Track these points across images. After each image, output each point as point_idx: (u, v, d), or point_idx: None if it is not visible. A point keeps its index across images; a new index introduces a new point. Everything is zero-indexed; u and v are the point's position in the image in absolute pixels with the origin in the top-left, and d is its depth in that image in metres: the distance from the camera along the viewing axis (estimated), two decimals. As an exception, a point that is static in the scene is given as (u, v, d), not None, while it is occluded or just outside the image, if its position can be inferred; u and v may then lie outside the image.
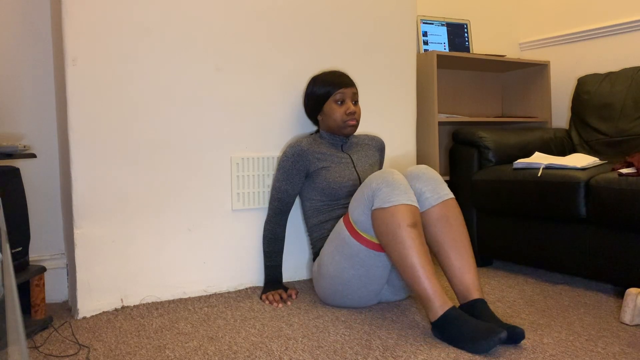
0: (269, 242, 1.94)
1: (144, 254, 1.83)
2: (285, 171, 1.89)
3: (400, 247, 1.47)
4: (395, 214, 1.49)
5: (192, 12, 1.89)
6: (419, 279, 1.43)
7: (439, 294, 1.42)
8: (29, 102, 1.93)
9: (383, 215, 1.51)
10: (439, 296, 1.42)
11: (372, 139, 2.07)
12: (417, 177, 1.63)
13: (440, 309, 1.41)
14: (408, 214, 1.48)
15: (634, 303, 1.55)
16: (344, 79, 1.89)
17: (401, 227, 1.47)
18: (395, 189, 1.52)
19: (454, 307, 1.41)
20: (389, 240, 1.50)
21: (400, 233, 1.47)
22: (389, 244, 1.50)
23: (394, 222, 1.48)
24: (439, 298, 1.41)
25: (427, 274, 1.43)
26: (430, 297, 1.42)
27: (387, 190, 1.52)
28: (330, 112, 1.89)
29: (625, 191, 1.75)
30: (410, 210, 1.49)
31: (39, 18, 1.93)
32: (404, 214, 1.48)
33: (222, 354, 1.37)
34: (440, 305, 1.41)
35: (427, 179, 1.63)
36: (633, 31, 2.72)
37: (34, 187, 1.93)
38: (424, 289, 1.42)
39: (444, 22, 2.87)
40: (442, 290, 1.43)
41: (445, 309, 1.40)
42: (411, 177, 1.64)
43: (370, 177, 1.60)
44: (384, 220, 1.50)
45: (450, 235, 1.57)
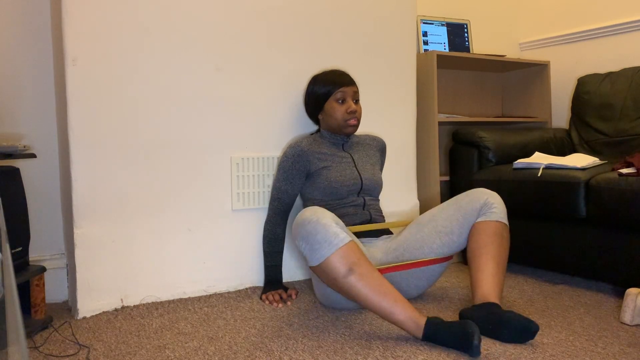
0: (269, 242, 1.94)
1: (144, 254, 1.83)
2: (285, 171, 1.89)
3: (349, 294, 1.47)
4: (327, 270, 1.47)
5: (192, 12, 1.89)
6: (386, 314, 1.43)
7: (409, 314, 1.41)
8: (29, 102, 1.93)
9: (319, 272, 1.50)
10: (412, 317, 1.41)
11: (373, 139, 2.07)
12: (491, 195, 1.68)
13: (418, 329, 1.40)
14: (339, 263, 1.44)
15: (634, 303, 1.55)
16: (345, 78, 1.89)
17: (338, 281, 1.46)
18: (314, 241, 1.47)
19: (427, 319, 1.40)
20: (337, 290, 1.50)
21: (342, 285, 1.46)
22: (340, 293, 1.51)
23: (330, 277, 1.47)
24: (412, 319, 1.40)
25: (388, 307, 1.41)
26: (405, 323, 1.41)
27: (307, 247, 1.49)
28: (331, 111, 1.88)
29: (625, 191, 1.75)
30: (340, 257, 1.44)
31: (39, 18, 1.93)
32: (335, 266, 1.45)
33: (222, 354, 1.37)
34: (417, 325, 1.40)
35: (501, 204, 1.68)
36: (633, 31, 2.72)
37: (34, 187, 1.93)
38: (396, 320, 1.42)
39: (444, 22, 2.87)
40: (410, 307, 1.42)
41: (423, 325, 1.39)
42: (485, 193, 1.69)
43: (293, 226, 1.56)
44: (322, 275, 1.50)
45: (498, 250, 1.60)
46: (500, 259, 1.60)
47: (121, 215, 1.79)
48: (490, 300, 1.50)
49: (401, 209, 2.34)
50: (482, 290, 1.53)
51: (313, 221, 1.48)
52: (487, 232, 1.62)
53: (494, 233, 1.62)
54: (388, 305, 1.41)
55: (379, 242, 1.86)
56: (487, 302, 1.49)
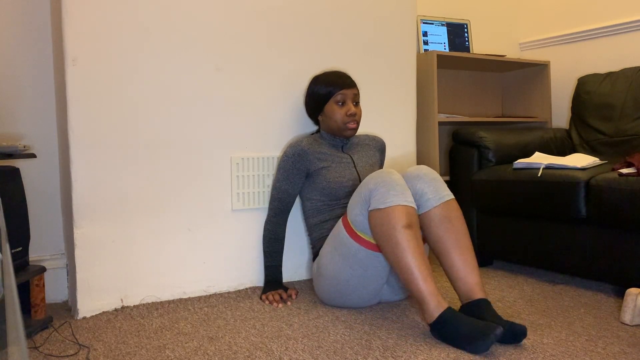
0: (269, 242, 1.94)
1: (144, 254, 1.83)
2: (285, 171, 1.89)
3: (395, 248, 1.46)
4: (391, 215, 1.48)
5: (192, 12, 1.89)
6: (415, 280, 1.43)
7: (434, 295, 1.42)
8: (29, 102, 1.93)
9: (379, 216, 1.50)
10: (434, 297, 1.41)
11: (372, 139, 2.07)
12: (418, 177, 1.62)
13: (435, 311, 1.40)
14: (404, 214, 1.48)
15: (634, 303, 1.55)
16: (346, 80, 1.89)
17: (397, 229, 1.47)
18: (392, 189, 1.52)
19: (449, 308, 1.41)
20: (384, 241, 1.49)
21: (396, 234, 1.46)
22: (385, 245, 1.50)
23: (390, 223, 1.48)
24: (434, 299, 1.41)
25: (422, 275, 1.43)
26: (425, 299, 1.42)
27: (383, 190, 1.52)
28: (331, 113, 1.88)
29: (625, 191, 1.75)
30: (407, 211, 1.49)
31: (39, 18, 1.93)
32: (400, 214, 1.48)
33: (222, 354, 1.37)
34: (436, 307, 1.41)
35: (429, 179, 1.62)
36: (633, 31, 2.72)
37: (34, 187, 1.93)
38: (420, 290, 1.42)
39: (444, 22, 2.87)
40: (438, 291, 1.43)
41: (441, 311, 1.40)
42: (412, 177, 1.63)
43: (368, 177, 1.60)
44: (380, 221, 1.50)
45: (452, 236, 1.56)
46: (461, 242, 1.55)
47: (121, 215, 1.79)
48: (476, 297, 1.50)
49: (401, 209, 2.34)
50: (461, 288, 1.53)
51: (398, 178, 1.56)
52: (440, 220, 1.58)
53: (438, 221, 1.58)
54: (423, 272, 1.43)
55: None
56: (471, 302, 1.50)
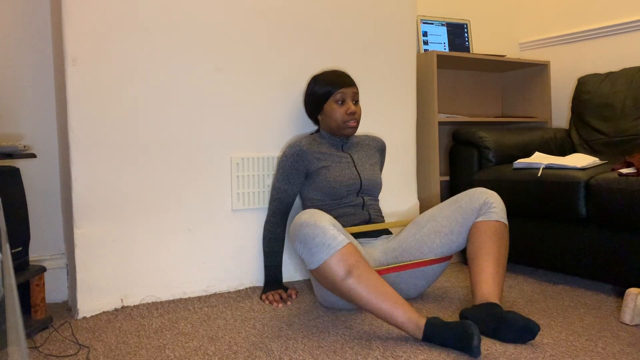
0: (269, 242, 1.94)
1: (144, 254, 1.83)
2: (285, 171, 1.89)
3: (348, 297, 1.46)
4: (325, 274, 1.46)
5: (192, 12, 1.89)
6: (383, 316, 1.42)
7: (409, 316, 1.40)
8: (29, 102, 1.93)
9: (317, 276, 1.50)
10: (411, 318, 1.40)
11: (373, 139, 2.07)
12: (492, 194, 1.68)
13: (418, 330, 1.39)
14: (337, 266, 1.44)
15: (634, 303, 1.55)
16: (345, 79, 1.89)
17: (337, 283, 1.45)
18: (312, 245, 1.45)
19: (427, 320, 1.40)
20: (336, 293, 1.49)
21: (340, 288, 1.45)
22: (339, 296, 1.50)
23: (329, 281, 1.47)
24: (412, 320, 1.40)
25: (388, 309, 1.41)
26: (405, 325, 1.41)
27: (306, 249, 1.47)
28: (331, 112, 1.88)
29: (625, 191, 1.75)
30: (337, 260, 1.43)
31: (39, 18, 1.93)
32: (332, 269, 1.44)
33: (222, 354, 1.37)
34: (417, 326, 1.39)
35: (501, 204, 1.68)
36: (633, 31, 2.72)
37: (34, 187, 1.93)
38: (396, 322, 1.41)
39: (444, 22, 2.87)
40: (410, 308, 1.41)
41: (423, 326, 1.39)
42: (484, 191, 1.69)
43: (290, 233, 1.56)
44: (321, 279, 1.49)
45: (497, 251, 1.60)
46: (500, 258, 1.60)
47: (121, 215, 1.79)
48: (490, 301, 1.49)
49: (401, 209, 2.34)
50: (482, 290, 1.53)
51: (311, 224, 1.47)
52: (486, 232, 1.62)
53: (494, 233, 1.62)
54: (387, 307, 1.41)
55: (378, 242, 1.86)
56: (487, 302, 1.49)
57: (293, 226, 1.52)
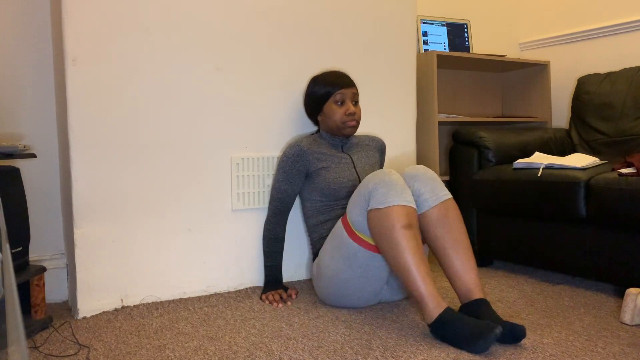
0: (269, 242, 1.94)
1: (144, 254, 1.83)
2: (285, 171, 1.89)
3: (394, 248, 1.46)
4: (389, 215, 1.48)
5: (192, 12, 1.89)
6: (414, 280, 1.43)
7: (433, 296, 1.41)
8: (29, 102, 1.93)
9: (378, 215, 1.50)
10: (434, 298, 1.41)
11: (372, 139, 2.07)
12: (415, 177, 1.62)
13: (435, 311, 1.40)
14: (403, 214, 1.48)
15: (634, 303, 1.55)
16: (344, 79, 1.89)
17: (395, 228, 1.46)
18: (392, 189, 1.51)
19: (448, 308, 1.41)
20: (383, 241, 1.49)
21: (395, 234, 1.46)
22: (384, 245, 1.49)
23: (389, 223, 1.47)
24: (434, 300, 1.41)
25: (421, 276, 1.42)
26: (424, 299, 1.41)
27: (383, 190, 1.51)
28: (330, 112, 1.88)
29: (625, 191, 1.75)
30: (406, 211, 1.49)
31: (39, 18, 1.93)
32: (398, 214, 1.47)
33: (222, 354, 1.37)
34: (435, 307, 1.40)
35: (426, 179, 1.62)
36: (633, 31, 2.72)
37: (34, 187, 1.93)
38: (419, 291, 1.42)
39: (444, 22, 2.87)
40: (437, 291, 1.43)
41: (440, 311, 1.40)
42: (409, 177, 1.63)
43: (368, 177, 1.59)
44: (379, 221, 1.50)
45: (450, 236, 1.56)
46: (458, 242, 1.55)
47: (121, 215, 1.79)
48: (474, 297, 1.50)
49: (401, 209, 2.34)
50: (459, 287, 1.53)
51: (397, 178, 1.55)
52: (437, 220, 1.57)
53: (435, 220, 1.57)
54: (421, 273, 1.42)
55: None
56: (472, 301, 1.49)
57: (380, 172, 1.57)
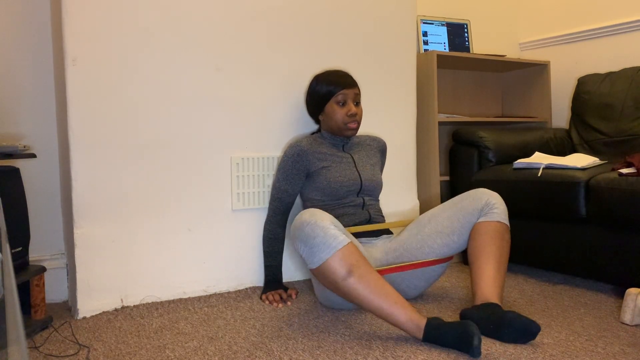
0: (269, 242, 1.94)
1: (144, 254, 1.83)
2: (285, 171, 1.89)
3: (350, 297, 1.46)
4: (326, 274, 1.46)
5: (192, 12, 1.89)
6: (386, 315, 1.42)
7: (409, 316, 1.40)
8: (29, 102, 1.93)
9: (318, 275, 1.50)
10: (412, 318, 1.40)
11: (373, 139, 2.07)
12: (492, 195, 1.68)
13: (418, 330, 1.39)
14: (337, 266, 1.43)
15: (634, 303, 1.55)
16: (347, 80, 1.88)
17: (338, 283, 1.45)
18: (311, 244, 1.46)
19: (427, 320, 1.40)
20: (338, 293, 1.49)
21: (342, 288, 1.45)
22: (341, 295, 1.49)
23: (330, 280, 1.46)
24: (412, 321, 1.40)
25: (389, 307, 1.41)
26: (405, 325, 1.41)
27: (305, 249, 1.48)
28: (332, 113, 1.88)
29: (625, 191, 1.75)
30: (338, 259, 1.43)
31: (39, 18, 1.93)
32: (333, 270, 1.44)
33: (222, 354, 1.37)
34: (417, 326, 1.40)
35: (502, 205, 1.68)
36: (633, 31, 2.72)
37: (34, 187, 1.93)
38: (396, 321, 1.41)
39: (444, 22, 2.87)
40: (411, 308, 1.42)
41: (423, 326, 1.39)
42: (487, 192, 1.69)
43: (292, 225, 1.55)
44: (322, 280, 1.50)
45: (499, 251, 1.60)
46: (501, 259, 1.60)
47: (121, 215, 1.79)
48: (491, 301, 1.49)
49: (401, 209, 2.34)
50: (482, 290, 1.53)
51: (311, 223, 1.47)
52: (488, 233, 1.62)
53: (495, 233, 1.62)
54: (388, 307, 1.41)
55: (379, 242, 1.86)
56: (488, 303, 1.49)
57: (294, 225, 1.52)
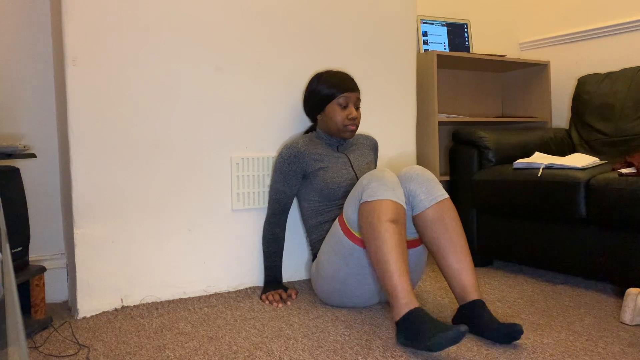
0: (269, 243, 1.94)
1: (144, 254, 1.83)
2: (282, 172, 1.88)
3: (376, 240, 1.45)
4: (377, 208, 1.48)
5: (192, 12, 1.88)
6: (389, 273, 1.40)
7: (407, 292, 1.38)
8: (29, 102, 1.93)
9: (367, 208, 1.50)
10: (407, 294, 1.38)
11: (366, 138, 2.07)
12: (410, 178, 1.60)
13: (404, 308, 1.36)
14: (390, 209, 1.48)
15: (634, 303, 1.55)
16: (351, 83, 1.87)
17: (380, 221, 1.46)
18: (383, 185, 1.52)
19: (419, 307, 1.37)
20: (368, 233, 1.48)
21: (379, 227, 1.45)
22: (367, 237, 1.48)
23: (375, 215, 1.47)
24: (405, 296, 1.38)
25: (398, 271, 1.40)
26: (398, 294, 1.38)
27: (375, 185, 1.52)
28: (332, 114, 1.87)
29: (625, 191, 1.75)
30: (394, 206, 1.49)
31: (39, 18, 1.93)
32: (386, 208, 1.47)
33: (222, 354, 1.37)
34: (405, 304, 1.37)
35: (422, 180, 1.59)
36: (633, 31, 2.72)
37: (34, 187, 1.93)
38: (393, 285, 1.39)
39: (444, 22, 2.87)
40: (411, 289, 1.40)
41: (410, 308, 1.36)
42: (405, 178, 1.61)
43: (364, 175, 1.60)
44: (367, 213, 1.50)
45: (446, 236, 1.54)
46: (455, 243, 1.54)
47: (121, 215, 1.79)
48: (470, 298, 1.49)
49: (401, 209, 2.34)
50: (456, 288, 1.52)
51: (390, 175, 1.56)
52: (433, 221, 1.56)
53: (431, 222, 1.56)
54: (401, 268, 1.40)
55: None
56: (468, 303, 1.48)
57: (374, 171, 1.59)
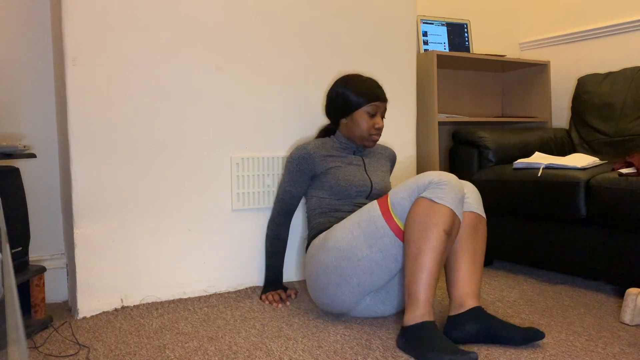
0: (272, 243, 1.93)
1: (144, 254, 1.83)
2: (290, 173, 1.87)
3: (424, 243, 1.42)
4: (437, 212, 1.43)
5: (192, 12, 1.89)
6: (421, 281, 1.39)
7: (428, 303, 1.39)
8: (29, 102, 1.93)
9: (429, 206, 1.45)
10: (426, 305, 1.38)
11: (385, 148, 2.02)
12: (465, 185, 1.63)
13: (419, 317, 1.37)
14: (450, 219, 1.44)
15: (634, 303, 1.55)
16: (381, 93, 1.84)
17: (438, 227, 1.42)
18: (454, 193, 1.46)
19: (434, 322, 1.37)
20: (416, 231, 1.44)
21: (433, 232, 1.42)
22: (415, 236, 1.44)
23: (434, 218, 1.43)
24: (424, 307, 1.38)
25: (429, 281, 1.39)
26: (417, 301, 1.38)
27: (447, 189, 1.47)
28: (360, 120, 1.82)
29: (625, 191, 1.75)
30: (454, 219, 1.45)
31: (39, 18, 1.93)
32: (447, 217, 1.43)
33: (222, 354, 1.37)
34: (422, 315, 1.37)
35: (476, 194, 1.62)
36: (633, 31, 2.72)
37: (34, 187, 1.93)
38: (417, 291, 1.39)
39: (444, 22, 2.87)
40: (432, 303, 1.40)
41: (425, 319, 1.37)
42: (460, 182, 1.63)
43: (435, 172, 1.55)
44: (427, 211, 1.45)
45: (472, 244, 1.54)
46: (477, 254, 1.54)
47: (121, 215, 1.79)
48: (470, 306, 1.46)
49: (401, 209, 2.34)
50: (458, 291, 1.49)
51: (463, 189, 1.52)
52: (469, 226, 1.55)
53: (468, 226, 1.55)
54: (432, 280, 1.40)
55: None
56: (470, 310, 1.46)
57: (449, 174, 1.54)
